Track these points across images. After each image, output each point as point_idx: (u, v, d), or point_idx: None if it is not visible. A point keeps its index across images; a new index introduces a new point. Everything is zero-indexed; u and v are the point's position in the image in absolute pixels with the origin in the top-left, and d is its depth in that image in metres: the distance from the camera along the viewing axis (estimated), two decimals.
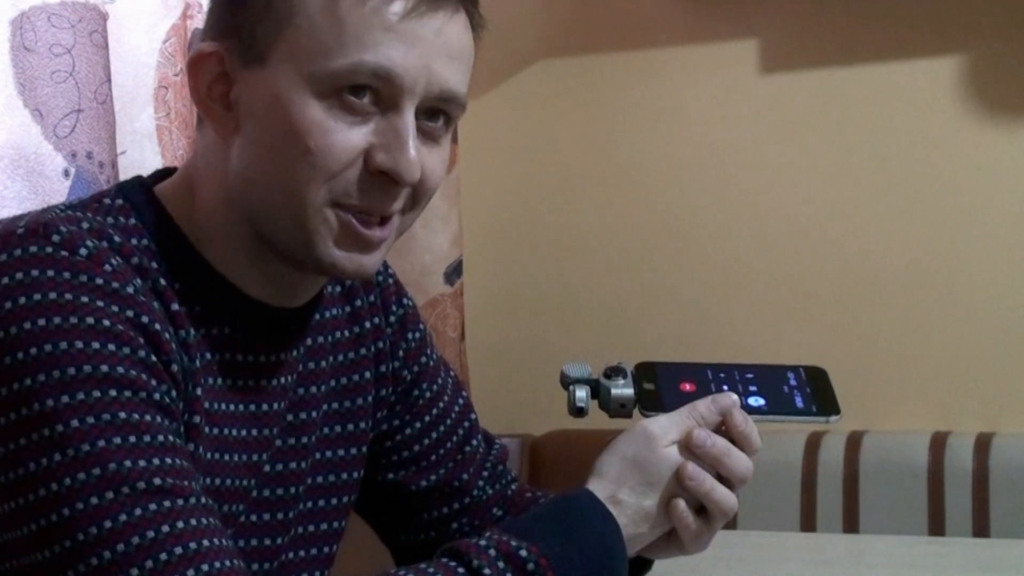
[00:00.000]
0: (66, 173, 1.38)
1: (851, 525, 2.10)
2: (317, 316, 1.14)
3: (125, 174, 1.46)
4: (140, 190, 1.06)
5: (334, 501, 1.17)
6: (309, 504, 1.15)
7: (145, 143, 1.58)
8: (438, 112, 1.04)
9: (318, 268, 1.04)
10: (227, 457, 1.05)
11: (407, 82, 0.99)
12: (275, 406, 1.10)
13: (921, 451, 2.09)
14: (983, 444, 2.07)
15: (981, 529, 2.03)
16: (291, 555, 1.14)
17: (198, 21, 1.64)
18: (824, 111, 2.31)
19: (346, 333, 1.18)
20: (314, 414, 1.14)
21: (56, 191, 1.38)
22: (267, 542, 1.11)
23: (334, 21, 0.98)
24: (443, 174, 1.06)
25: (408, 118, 1.00)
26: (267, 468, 1.10)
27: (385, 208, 1.03)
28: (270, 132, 1.00)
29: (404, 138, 1.00)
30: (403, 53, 0.99)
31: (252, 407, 1.08)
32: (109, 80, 1.43)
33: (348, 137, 0.99)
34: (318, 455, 1.15)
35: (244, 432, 1.07)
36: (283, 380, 1.10)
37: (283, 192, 1.00)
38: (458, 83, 1.03)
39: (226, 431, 1.05)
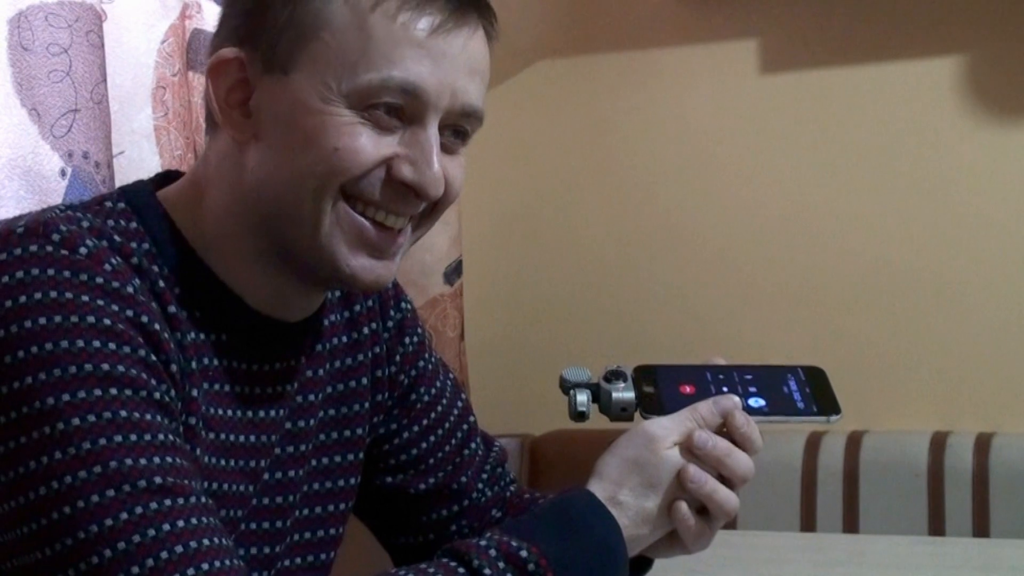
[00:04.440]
0: (63, 173, 1.38)
1: (851, 525, 2.10)
2: (316, 324, 1.14)
3: (123, 174, 1.46)
4: (142, 194, 1.06)
5: (331, 508, 1.17)
6: (306, 511, 1.15)
7: (143, 143, 1.57)
8: (459, 129, 1.05)
9: (336, 278, 1.04)
10: (225, 462, 1.05)
11: (432, 98, 1.00)
12: (274, 413, 1.09)
13: (921, 451, 2.09)
14: (983, 444, 2.07)
15: (981, 529, 2.03)
16: (287, 563, 1.14)
17: (196, 21, 1.64)
18: (824, 111, 2.31)
19: (344, 339, 1.18)
20: (311, 421, 1.14)
21: (53, 191, 1.37)
22: (265, 550, 1.11)
23: (362, 36, 0.99)
24: (462, 184, 1.07)
25: (432, 132, 1.02)
26: (267, 476, 1.10)
27: (404, 211, 1.03)
28: (295, 136, 1.00)
29: (429, 152, 1.01)
30: (430, 70, 1.00)
31: (250, 413, 1.07)
32: (105, 80, 1.43)
33: (375, 143, 1.00)
34: (314, 462, 1.15)
35: (243, 438, 1.07)
36: (283, 388, 1.10)
37: (300, 192, 1.00)
38: (478, 98, 1.05)
39: (223, 436, 1.05)
